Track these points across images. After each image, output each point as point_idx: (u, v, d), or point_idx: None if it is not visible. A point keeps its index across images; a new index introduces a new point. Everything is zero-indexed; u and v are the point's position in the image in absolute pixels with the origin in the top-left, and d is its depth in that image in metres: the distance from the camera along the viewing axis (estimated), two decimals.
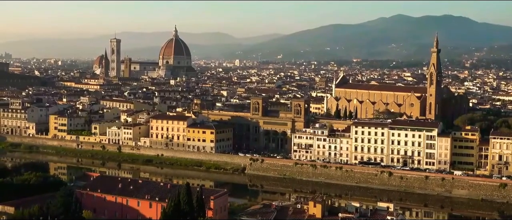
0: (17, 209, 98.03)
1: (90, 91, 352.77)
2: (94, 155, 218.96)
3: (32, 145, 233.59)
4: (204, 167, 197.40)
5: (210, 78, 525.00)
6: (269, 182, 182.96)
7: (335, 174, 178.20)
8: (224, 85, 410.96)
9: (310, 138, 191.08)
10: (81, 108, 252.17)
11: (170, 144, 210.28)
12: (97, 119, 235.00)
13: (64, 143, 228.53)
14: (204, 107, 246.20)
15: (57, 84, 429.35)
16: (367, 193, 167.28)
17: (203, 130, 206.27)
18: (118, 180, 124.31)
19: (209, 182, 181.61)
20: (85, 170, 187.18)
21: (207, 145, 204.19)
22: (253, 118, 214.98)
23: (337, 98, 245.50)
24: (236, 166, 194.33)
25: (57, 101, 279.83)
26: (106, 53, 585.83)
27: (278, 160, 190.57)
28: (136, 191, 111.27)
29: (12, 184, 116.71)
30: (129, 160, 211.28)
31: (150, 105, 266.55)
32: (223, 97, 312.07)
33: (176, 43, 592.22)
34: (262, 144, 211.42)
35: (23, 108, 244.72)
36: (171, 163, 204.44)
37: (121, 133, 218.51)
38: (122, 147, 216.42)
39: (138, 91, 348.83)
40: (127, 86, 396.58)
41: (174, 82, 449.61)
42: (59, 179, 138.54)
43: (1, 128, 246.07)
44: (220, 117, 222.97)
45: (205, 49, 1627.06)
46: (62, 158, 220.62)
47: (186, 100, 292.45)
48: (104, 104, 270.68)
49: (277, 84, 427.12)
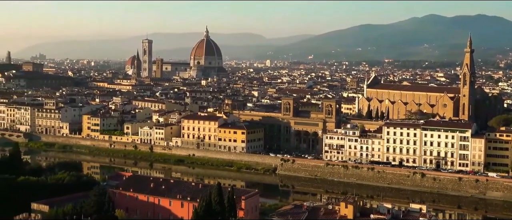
0: (51, 208, 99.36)
1: (123, 91, 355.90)
2: (126, 154, 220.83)
3: (66, 144, 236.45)
4: (235, 167, 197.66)
5: (241, 79, 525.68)
6: (300, 183, 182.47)
7: (367, 175, 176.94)
8: (255, 86, 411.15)
9: (342, 138, 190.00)
10: (114, 108, 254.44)
11: (201, 144, 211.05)
12: (129, 119, 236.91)
13: (97, 142, 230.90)
14: (235, 107, 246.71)
15: (90, 85, 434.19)
16: (399, 194, 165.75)
17: (234, 130, 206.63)
18: (150, 179, 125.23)
19: (240, 182, 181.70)
20: (117, 169, 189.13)
21: (238, 145, 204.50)
22: (284, 119, 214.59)
23: (368, 98, 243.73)
24: (267, 166, 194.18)
25: (90, 101, 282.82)
26: (138, 54, 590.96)
27: (309, 161, 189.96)
28: (168, 191, 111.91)
29: (46, 183, 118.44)
30: (161, 160, 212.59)
31: (181, 106, 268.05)
32: (254, 98, 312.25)
33: (207, 43, 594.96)
34: (293, 145, 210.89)
35: (57, 108, 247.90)
36: (203, 163, 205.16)
37: (153, 133, 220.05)
38: (154, 147, 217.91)
39: (170, 91, 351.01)
40: (159, 87, 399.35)
41: (205, 82, 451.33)
42: (92, 179, 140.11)
43: (36, 128, 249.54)
44: (251, 117, 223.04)
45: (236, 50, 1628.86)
46: (95, 157, 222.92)
47: (217, 100, 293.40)
48: (136, 104, 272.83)
49: (308, 84, 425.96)
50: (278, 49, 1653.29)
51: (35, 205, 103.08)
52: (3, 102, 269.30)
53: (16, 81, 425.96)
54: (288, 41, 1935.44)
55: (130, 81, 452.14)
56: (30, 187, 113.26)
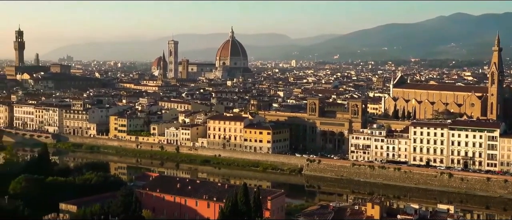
0: (79, 208, 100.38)
1: (149, 92, 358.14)
2: (153, 155, 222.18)
3: (93, 145, 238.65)
4: (261, 167, 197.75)
5: (266, 79, 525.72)
6: (326, 183, 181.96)
7: (394, 175, 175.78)
8: (281, 86, 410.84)
9: (368, 138, 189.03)
10: (140, 109, 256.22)
11: (227, 144, 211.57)
12: (155, 120, 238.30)
13: (124, 143, 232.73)
14: (260, 107, 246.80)
15: (117, 86, 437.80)
16: (426, 194, 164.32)
17: (260, 131, 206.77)
18: (176, 180, 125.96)
19: (266, 183, 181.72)
20: (144, 170, 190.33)
21: (264, 146, 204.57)
22: (309, 119, 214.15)
23: (395, 98, 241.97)
24: (293, 166, 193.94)
25: (117, 102, 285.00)
26: (164, 55, 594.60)
27: (335, 161, 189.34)
28: (194, 191, 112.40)
29: (74, 183, 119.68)
30: (187, 160, 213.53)
31: (207, 106, 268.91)
32: (280, 98, 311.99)
33: (233, 44, 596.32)
34: (319, 145, 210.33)
35: (85, 109, 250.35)
36: (228, 164, 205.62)
37: (179, 134, 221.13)
38: (180, 148, 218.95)
39: (196, 92, 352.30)
40: (184, 87, 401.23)
41: (230, 83, 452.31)
42: (119, 179, 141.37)
43: (64, 128, 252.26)
44: (277, 117, 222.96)
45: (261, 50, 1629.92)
46: (122, 158, 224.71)
47: (242, 101, 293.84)
48: (163, 105, 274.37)
49: (334, 84, 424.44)
50: (303, 49, 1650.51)
51: (63, 205, 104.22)
52: (32, 104, 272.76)
53: (44, 82, 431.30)
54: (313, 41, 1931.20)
55: (156, 82, 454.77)
56: (58, 187, 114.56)
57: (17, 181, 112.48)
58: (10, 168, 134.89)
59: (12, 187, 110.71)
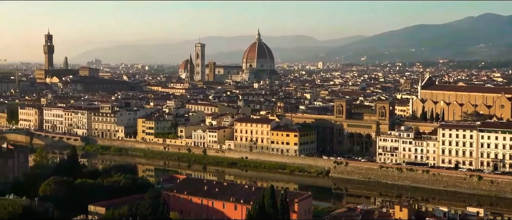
0: (108, 209, 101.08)
1: (176, 95, 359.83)
2: (180, 157, 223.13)
3: (121, 147, 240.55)
4: (288, 170, 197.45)
5: (293, 81, 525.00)
6: (353, 186, 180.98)
7: (422, 177, 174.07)
8: (307, 88, 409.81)
9: (396, 141, 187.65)
10: (168, 111, 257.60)
11: (254, 147, 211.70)
12: (183, 122, 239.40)
13: (152, 145, 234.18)
14: (287, 110, 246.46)
15: (145, 89, 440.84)
16: (455, 197, 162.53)
17: (286, 133, 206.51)
18: (203, 182, 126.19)
19: (293, 185, 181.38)
20: (171, 172, 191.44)
21: (291, 148, 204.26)
22: (336, 121, 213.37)
23: (423, 100, 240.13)
24: (320, 169, 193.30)
25: (145, 105, 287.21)
26: (191, 58, 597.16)
27: (363, 163, 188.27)
28: (221, 193, 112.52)
29: (103, 185, 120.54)
30: (214, 162, 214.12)
31: (234, 108, 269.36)
32: (307, 100, 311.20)
33: (259, 46, 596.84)
34: (346, 147, 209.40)
35: (113, 112, 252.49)
36: (255, 166, 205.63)
37: (206, 136, 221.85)
38: (207, 150, 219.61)
39: (223, 94, 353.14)
40: (211, 90, 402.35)
41: (257, 85, 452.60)
42: (147, 181, 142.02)
43: (92, 131, 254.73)
44: (304, 120, 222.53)
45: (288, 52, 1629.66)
46: (149, 160, 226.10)
47: (269, 103, 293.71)
48: (190, 107, 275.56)
49: (361, 86, 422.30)
50: (330, 51, 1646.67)
51: (92, 207, 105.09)
52: (61, 107, 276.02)
53: (73, 86, 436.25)
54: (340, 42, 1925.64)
55: (183, 85, 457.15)
56: (87, 189, 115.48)
57: (47, 183, 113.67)
58: (40, 170, 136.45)
59: (42, 189, 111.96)
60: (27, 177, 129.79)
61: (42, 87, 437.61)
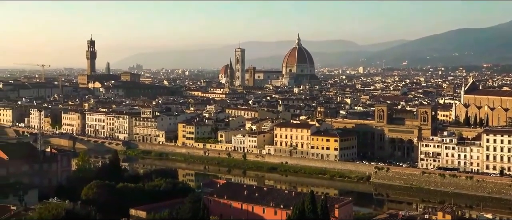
0: (149, 213, 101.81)
1: (216, 99, 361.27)
2: (220, 162, 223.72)
3: (162, 152, 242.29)
4: (328, 175, 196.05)
5: (333, 86, 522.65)
6: (395, 191, 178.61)
7: (465, 183, 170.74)
8: (348, 93, 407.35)
9: (438, 146, 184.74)
10: (208, 116, 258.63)
11: (294, 152, 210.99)
12: (223, 127, 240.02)
13: (192, 150, 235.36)
14: (327, 115, 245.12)
15: (185, 94, 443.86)
16: (500, 204, 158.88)
17: (327, 138, 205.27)
18: (243, 187, 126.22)
19: (334, 190, 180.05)
20: (212, 177, 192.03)
21: (331, 153, 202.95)
22: (377, 126, 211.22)
23: (466, 105, 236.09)
24: (360, 174, 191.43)
25: (185, 110, 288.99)
26: (231, 63, 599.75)
27: (404, 169, 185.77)
28: (261, 198, 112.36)
29: (144, 189, 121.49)
30: (254, 167, 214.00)
31: (274, 113, 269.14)
32: (347, 105, 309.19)
33: (299, 51, 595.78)
34: (387, 152, 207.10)
35: (154, 117, 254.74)
36: (295, 171, 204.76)
37: (246, 141, 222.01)
38: (247, 155, 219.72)
39: (262, 99, 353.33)
40: (251, 95, 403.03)
41: (297, 90, 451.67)
42: (188, 186, 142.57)
43: (134, 136, 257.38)
44: (344, 125, 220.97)
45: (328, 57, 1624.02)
46: (190, 165, 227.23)
47: (309, 108, 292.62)
48: (230, 112, 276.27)
49: (403, 91, 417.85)
50: (371, 56, 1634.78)
51: (133, 211, 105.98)
52: (103, 111, 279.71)
53: (115, 91, 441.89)
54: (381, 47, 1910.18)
55: (223, 90, 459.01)
56: (129, 193, 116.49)
57: (89, 187, 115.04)
58: (82, 174, 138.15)
59: (85, 193, 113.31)
60: (70, 181, 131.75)
61: (85, 92, 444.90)
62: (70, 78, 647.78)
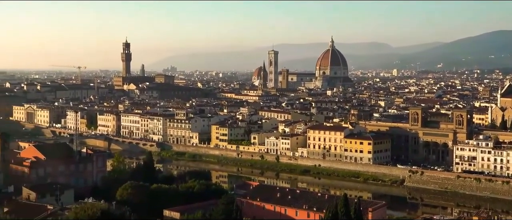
0: (182, 214, 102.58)
1: (249, 102, 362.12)
2: (253, 164, 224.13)
3: (196, 154, 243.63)
4: (362, 178, 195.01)
5: (367, 88, 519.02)
6: (429, 195, 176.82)
7: (502, 188, 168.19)
8: (382, 95, 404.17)
9: (474, 150, 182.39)
10: (241, 118, 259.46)
11: (327, 154, 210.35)
12: (256, 129, 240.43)
13: (225, 152, 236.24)
14: (361, 117, 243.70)
15: (218, 95, 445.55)
16: None
17: (360, 141, 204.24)
18: (276, 189, 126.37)
19: (367, 194, 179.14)
20: (245, 179, 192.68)
21: (365, 156, 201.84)
22: (412, 129, 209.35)
23: (502, 108, 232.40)
24: (394, 178, 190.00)
25: (218, 111, 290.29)
26: (264, 65, 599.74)
27: (439, 173, 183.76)
28: (294, 201, 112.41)
29: (177, 191, 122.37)
30: (287, 170, 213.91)
31: (307, 116, 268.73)
32: (381, 108, 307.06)
33: (333, 53, 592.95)
34: (422, 156, 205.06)
35: (187, 119, 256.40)
36: (328, 174, 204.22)
37: (279, 143, 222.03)
38: (280, 157, 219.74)
39: (295, 101, 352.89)
40: (284, 97, 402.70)
41: (330, 92, 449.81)
42: (221, 187, 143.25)
43: (168, 137, 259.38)
44: (378, 127, 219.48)
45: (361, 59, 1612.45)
46: (223, 166, 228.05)
47: (343, 110, 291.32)
48: (263, 114, 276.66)
49: (437, 94, 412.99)
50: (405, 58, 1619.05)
51: (167, 212, 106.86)
52: (138, 113, 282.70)
53: (149, 92, 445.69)
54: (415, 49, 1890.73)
55: (256, 92, 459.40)
56: (163, 194, 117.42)
57: (124, 187, 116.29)
58: (117, 175, 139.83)
59: (119, 193, 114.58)
60: (105, 181, 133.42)
61: (120, 94, 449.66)
62: (106, 80, 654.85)
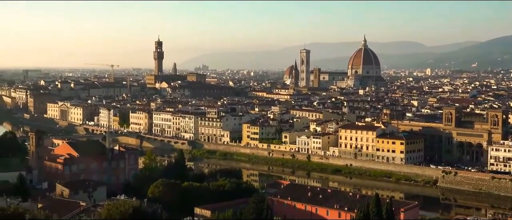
0: (213, 213, 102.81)
1: (281, 101, 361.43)
2: (284, 163, 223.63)
3: (227, 152, 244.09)
4: (394, 178, 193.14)
5: (399, 88, 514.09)
6: (463, 196, 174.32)
7: None
8: (415, 95, 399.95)
9: (509, 151, 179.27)
10: (272, 117, 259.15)
11: (359, 154, 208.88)
12: (287, 128, 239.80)
13: (256, 151, 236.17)
14: (393, 117, 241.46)
15: (250, 94, 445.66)
16: None
17: (392, 141, 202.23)
18: (307, 188, 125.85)
19: (399, 194, 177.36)
20: (275, 177, 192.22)
21: (397, 156, 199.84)
22: (445, 129, 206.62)
23: None
24: (427, 178, 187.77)
25: (250, 110, 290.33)
26: (296, 64, 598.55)
27: (473, 174, 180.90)
28: (325, 200, 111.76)
29: (208, 189, 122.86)
30: (318, 169, 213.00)
31: (338, 115, 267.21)
32: (414, 107, 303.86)
33: (365, 52, 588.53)
34: (455, 156, 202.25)
35: (219, 117, 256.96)
36: (360, 174, 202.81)
37: (310, 142, 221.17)
38: (311, 156, 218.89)
39: (327, 101, 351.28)
40: (316, 96, 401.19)
41: (363, 91, 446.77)
42: (252, 186, 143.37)
43: (199, 135, 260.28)
44: (410, 127, 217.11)
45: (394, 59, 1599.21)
46: (254, 165, 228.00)
47: (375, 110, 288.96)
48: (294, 113, 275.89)
49: (472, 93, 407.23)
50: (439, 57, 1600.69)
51: (198, 210, 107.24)
52: (169, 111, 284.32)
53: (181, 91, 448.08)
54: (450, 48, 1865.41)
55: (288, 91, 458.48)
56: (194, 192, 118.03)
57: (156, 185, 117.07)
58: (149, 173, 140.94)
59: (151, 191, 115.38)
60: (137, 179, 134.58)
61: (152, 92, 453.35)
62: (138, 78, 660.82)
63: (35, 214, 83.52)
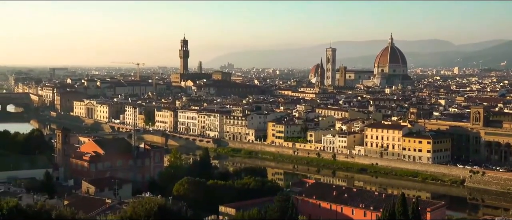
0: (238, 211, 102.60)
1: (306, 99, 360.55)
2: (309, 162, 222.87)
3: (251, 150, 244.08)
4: (420, 177, 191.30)
5: (427, 87, 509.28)
6: (490, 196, 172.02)
7: None
8: (442, 94, 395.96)
9: None
10: (297, 116, 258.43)
11: (385, 153, 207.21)
12: (312, 127, 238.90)
13: (281, 149, 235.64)
14: (420, 116, 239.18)
15: (275, 93, 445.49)
16: None
17: (419, 140, 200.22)
18: (332, 187, 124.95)
19: (425, 194, 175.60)
20: (300, 176, 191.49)
21: (423, 155, 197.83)
22: (473, 128, 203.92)
23: None
24: (454, 178, 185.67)
25: (275, 109, 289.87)
26: (321, 62, 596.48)
27: (502, 174, 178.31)
28: (351, 199, 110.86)
29: (233, 187, 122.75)
30: (344, 168, 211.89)
31: (364, 114, 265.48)
32: (441, 106, 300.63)
33: (392, 51, 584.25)
34: (483, 156, 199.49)
35: (244, 116, 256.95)
36: (386, 173, 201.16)
37: (336, 141, 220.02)
38: (337, 155, 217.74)
39: (353, 99, 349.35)
40: (342, 95, 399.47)
41: (389, 90, 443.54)
42: (277, 184, 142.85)
43: (224, 134, 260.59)
44: (437, 126, 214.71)
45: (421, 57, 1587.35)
46: (279, 164, 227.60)
47: (401, 109, 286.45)
48: (320, 112, 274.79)
49: (500, 93, 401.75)
50: (467, 56, 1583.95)
51: (222, 208, 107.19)
52: (195, 109, 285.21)
53: (206, 89, 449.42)
54: (478, 47, 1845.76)
55: (313, 89, 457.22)
56: (219, 190, 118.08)
57: (181, 183, 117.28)
58: (174, 171, 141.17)
59: (176, 189, 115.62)
60: (162, 176, 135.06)
61: (177, 90, 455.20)
62: (164, 77, 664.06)
63: (61, 211, 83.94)
